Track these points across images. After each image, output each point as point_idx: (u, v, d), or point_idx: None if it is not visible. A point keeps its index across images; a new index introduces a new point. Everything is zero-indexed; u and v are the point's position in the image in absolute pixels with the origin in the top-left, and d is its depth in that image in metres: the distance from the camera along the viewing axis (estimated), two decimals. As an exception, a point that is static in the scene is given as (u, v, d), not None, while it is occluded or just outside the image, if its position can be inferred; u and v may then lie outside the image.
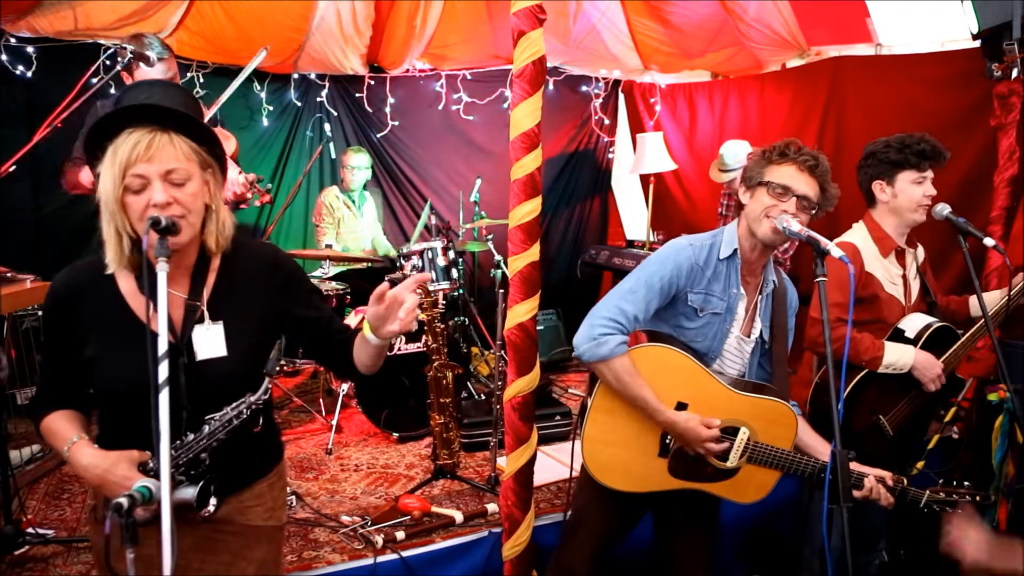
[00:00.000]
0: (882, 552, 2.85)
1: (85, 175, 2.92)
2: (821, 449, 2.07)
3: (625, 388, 1.96)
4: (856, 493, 1.99)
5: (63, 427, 1.49)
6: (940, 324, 2.52)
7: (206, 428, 1.44)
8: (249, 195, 3.27)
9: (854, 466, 2.03)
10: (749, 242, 2.05)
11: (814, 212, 2.00)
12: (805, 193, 1.96)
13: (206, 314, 1.50)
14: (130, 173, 1.37)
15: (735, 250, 2.05)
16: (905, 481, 2.04)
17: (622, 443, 2.04)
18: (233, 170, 3.16)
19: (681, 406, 2.01)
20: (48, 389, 1.55)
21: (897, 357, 2.44)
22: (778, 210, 1.95)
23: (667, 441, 2.05)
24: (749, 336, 2.12)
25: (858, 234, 2.59)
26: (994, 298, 2.63)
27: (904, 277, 2.59)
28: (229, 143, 3.29)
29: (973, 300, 2.75)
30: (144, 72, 2.87)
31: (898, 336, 2.52)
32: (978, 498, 2.06)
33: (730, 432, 2.03)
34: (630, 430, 2.03)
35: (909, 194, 2.47)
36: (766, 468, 2.05)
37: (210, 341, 1.49)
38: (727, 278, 2.05)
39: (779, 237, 1.98)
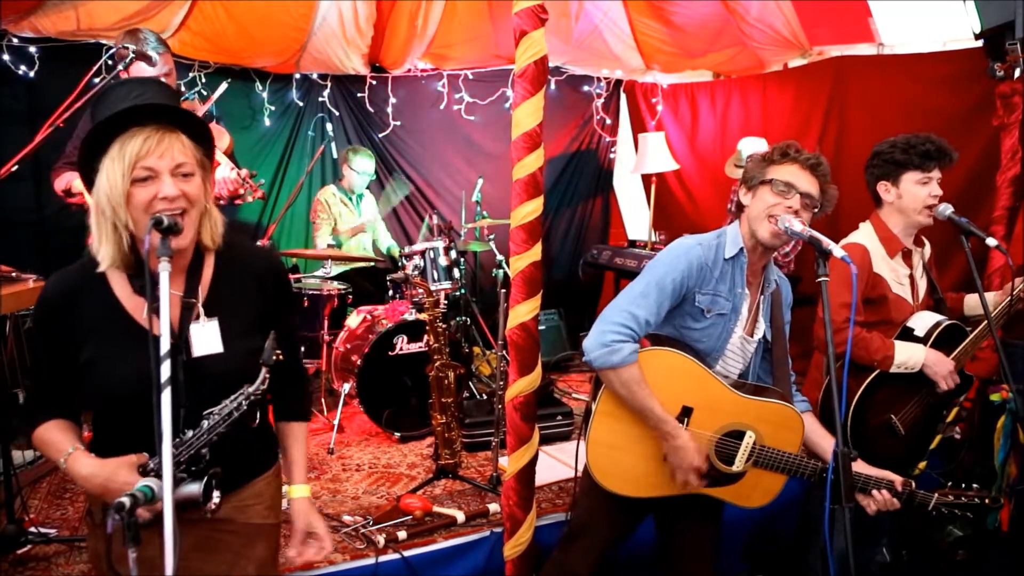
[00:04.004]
0: (884, 550, 2.84)
1: (79, 182, 2.93)
2: (829, 448, 2.05)
3: (632, 397, 1.94)
4: (865, 501, 1.99)
5: (58, 438, 1.48)
6: (950, 322, 2.51)
7: (205, 423, 1.43)
8: (242, 191, 3.27)
9: (863, 469, 2.04)
10: (752, 242, 2.04)
11: (815, 211, 2.01)
12: (808, 191, 1.96)
13: (202, 311, 1.50)
14: (140, 165, 1.38)
15: (741, 249, 2.04)
16: (913, 485, 2.03)
17: (627, 447, 2.03)
18: (226, 166, 3.16)
19: (687, 410, 2.00)
20: (40, 399, 1.54)
21: (908, 356, 2.44)
22: (781, 208, 1.95)
23: None
24: (752, 336, 2.11)
25: (865, 234, 2.59)
26: (990, 299, 2.62)
27: (911, 277, 2.59)
28: (223, 139, 3.28)
29: (968, 299, 2.75)
30: (142, 69, 2.86)
31: (907, 335, 2.52)
32: (986, 500, 2.04)
33: (736, 436, 2.02)
34: (635, 434, 2.02)
35: (913, 194, 2.47)
36: (772, 472, 2.04)
37: (206, 338, 1.49)
38: (732, 278, 2.04)
39: (778, 240, 1.98)
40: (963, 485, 2.08)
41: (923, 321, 2.53)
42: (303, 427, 1.77)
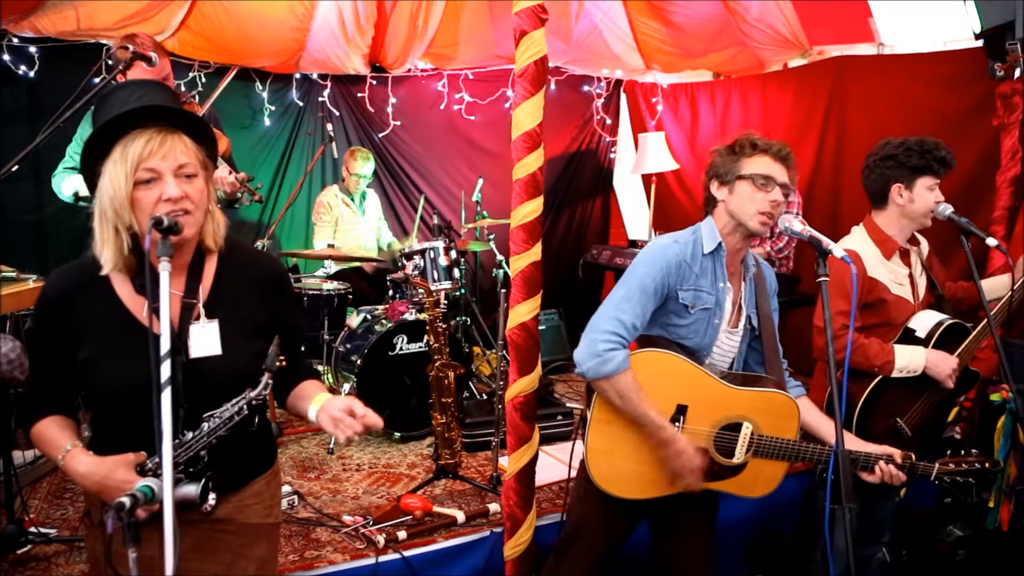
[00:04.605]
0: (883, 549, 2.84)
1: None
2: (829, 431, 2.05)
3: (627, 405, 1.93)
4: (868, 476, 2.01)
5: (56, 435, 1.49)
6: (952, 321, 2.50)
7: (206, 425, 1.43)
8: (239, 193, 3.28)
9: (859, 445, 2.05)
10: (732, 236, 2.06)
11: (787, 197, 2.05)
12: (785, 181, 2.00)
13: (202, 312, 1.50)
14: (143, 167, 1.38)
15: (719, 243, 2.05)
16: (913, 457, 2.04)
17: (626, 452, 2.03)
18: (223, 169, 3.17)
19: (681, 408, 2.00)
20: (39, 395, 1.54)
21: (909, 359, 2.42)
22: (766, 203, 1.97)
23: None
24: (736, 327, 2.12)
25: (858, 239, 2.56)
26: (999, 282, 2.63)
27: (910, 276, 2.58)
28: (221, 142, 3.29)
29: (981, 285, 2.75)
30: (142, 71, 2.87)
31: (909, 336, 2.50)
32: (987, 464, 2.03)
33: (733, 428, 2.02)
34: (633, 438, 2.01)
35: (924, 199, 2.46)
36: (773, 460, 2.04)
37: (205, 339, 1.49)
38: (713, 272, 2.05)
39: (767, 227, 2.02)
40: (962, 452, 2.07)
41: (924, 322, 2.51)
42: (313, 382, 1.75)
